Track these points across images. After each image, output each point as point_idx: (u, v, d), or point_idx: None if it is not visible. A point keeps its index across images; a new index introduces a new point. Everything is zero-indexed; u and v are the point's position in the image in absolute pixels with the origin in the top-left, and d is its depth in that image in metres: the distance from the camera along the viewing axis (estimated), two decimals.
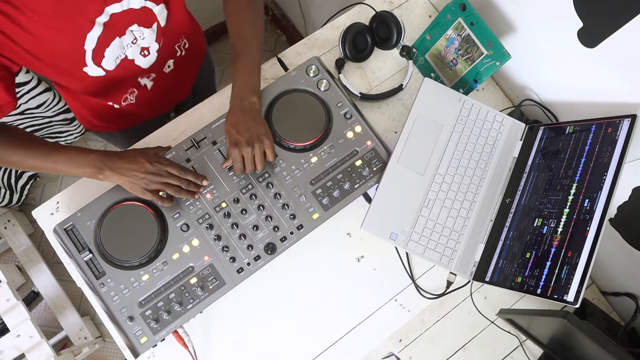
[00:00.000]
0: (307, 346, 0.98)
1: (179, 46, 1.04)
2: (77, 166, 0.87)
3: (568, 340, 0.92)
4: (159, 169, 0.88)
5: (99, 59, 0.86)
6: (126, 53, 0.90)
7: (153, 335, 0.88)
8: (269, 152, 0.91)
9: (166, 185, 0.89)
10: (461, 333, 1.10)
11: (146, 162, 0.87)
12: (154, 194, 0.89)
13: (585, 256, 0.81)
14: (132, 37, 0.88)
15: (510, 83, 1.11)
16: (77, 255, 0.90)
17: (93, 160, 0.87)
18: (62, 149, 0.89)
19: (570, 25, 0.85)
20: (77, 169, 0.87)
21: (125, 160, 0.87)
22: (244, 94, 0.91)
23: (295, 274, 1.00)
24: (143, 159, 0.88)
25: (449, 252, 0.96)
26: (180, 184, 0.90)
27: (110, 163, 0.87)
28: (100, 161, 0.87)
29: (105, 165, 0.86)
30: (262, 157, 0.91)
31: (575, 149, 0.92)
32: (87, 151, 0.88)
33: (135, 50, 0.91)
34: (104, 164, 0.86)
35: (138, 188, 0.88)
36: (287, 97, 0.98)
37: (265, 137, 0.90)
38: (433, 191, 0.98)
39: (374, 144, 0.99)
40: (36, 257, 1.89)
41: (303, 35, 2.09)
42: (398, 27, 1.04)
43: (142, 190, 0.88)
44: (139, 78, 1.00)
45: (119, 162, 0.87)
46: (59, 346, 1.88)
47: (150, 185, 0.88)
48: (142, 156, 0.88)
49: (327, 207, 0.95)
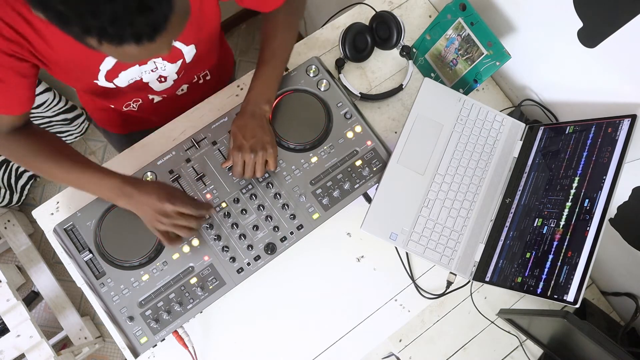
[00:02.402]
0: (307, 346, 0.98)
1: (199, 75, 1.05)
2: (99, 187, 0.85)
3: (568, 340, 0.92)
4: (166, 210, 0.84)
5: (112, 78, 0.87)
6: (142, 77, 0.91)
7: (153, 335, 0.88)
8: (270, 161, 0.91)
9: (175, 227, 0.85)
10: (461, 333, 1.10)
11: (157, 200, 0.83)
12: (162, 234, 0.86)
13: (585, 256, 0.81)
14: (153, 66, 0.89)
15: (510, 83, 1.11)
16: (77, 255, 0.90)
17: (114, 187, 0.84)
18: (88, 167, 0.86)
19: (570, 25, 0.85)
20: (98, 190, 0.86)
21: (141, 192, 0.84)
22: (258, 101, 0.91)
23: (295, 274, 1.00)
24: (155, 196, 0.83)
25: (449, 252, 0.96)
26: (189, 224, 0.86)
27: (128, 192, 0.84)
28: (120, 189, 0.84)
29: (123, 194, 0.84)
30: (263, 165, 0.90)
31: (575, 149, 0.92)
32: (111, 175, 0.85)
33: (152, 76, 0.92)
34: (122, 192, 0.84)
35: (149, 224, 0.86)
36: (287, 97, 0.98)
37: (270, 146, 0.90)
38: (433, 191, 0.98)
39: (374, 144, 0.99)
40: (36, 257, 1.89)
41: (303, 35, 2.09)
42: (398, 27, 1.04)
43: (151, 227, 0.86)
44: (149, 95, 1.01)
45: (135, 194, 0.84)
46: (59, 346, 1.87)
47: (159, 226, 0.85)
48: (154, 192, 0.84)
49: (327, 207, 0.95)
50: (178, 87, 1.03)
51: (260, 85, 0.92)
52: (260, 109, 0.91)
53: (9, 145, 0.85)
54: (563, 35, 0.88)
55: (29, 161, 0.87)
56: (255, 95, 0.91)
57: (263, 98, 0.91)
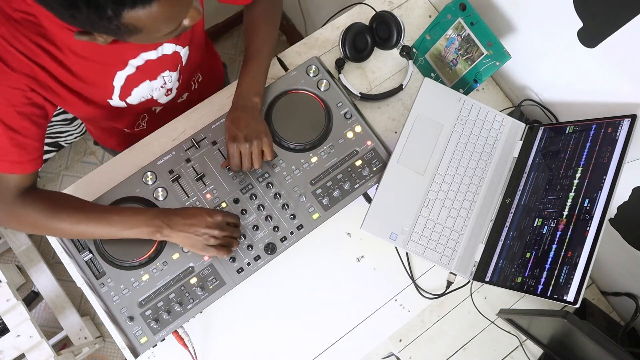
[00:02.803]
0: (307, 346, 0.98)
1: (194, 80, 1.08)
2: (134, 226, 0.82)
3: (568, 340, 0.92)
4: (220, 221, 0.86)
5: (125, 96, 0.89)
6: (153, 94, 0.94)
7: (153, 335, 0.88)
8: (266, 150, 0.91)
9: (226, 239, 0.87)
10: (461, 333, 1.10)
11: (207, 216, 0.84)
12: (217, 248, 0.86)
13: (585, 256, 0.81)
14: (163, 81, 0.92)
15: (510, 83, 1.11)
16: (77, 255, 0.89)
17: (150, 219, 0.82)
18: (115, 210, 0.85)
19: (570, 25, 0.85)
20: (134, 229, 0.82)
21: (184, 216, 0.84)
22: (247, 94, 0.92)
23: (295, 274, 1.00)
24: (203, 213, 0.85)
25: (449, 252, 0.96)
26: (236, 234, 0.89)
27: (168, 221, 0.83)
28: (158, 219, 0.83)
29: (164, 224, 0.82)
30: (259, 154, 0.91)
31: (575, 149, 0.92)
32: (142, 210, 0.85)
33: (162, 92, 0.95)
34: (162, 222, 0.82)
35: (199, 244, 0.85)
36: (287, 97, 0.98)
37: (264, 135, 0.90)
38: (433, 191, 0.98)
39: (374, 144, 0.99)
40: (36, 257, 1.89)
41: (303, 35, 2.09)
42: (398, 27, 1.04)
43: (203, 246, 0.85)
44: (153, 107, 1.03)
45: (178, 219, 0.83)
46: (59, 346, 1.87)
47: (210, 240, 0.85)
48: (203, 210, 0.86)
49: (327, 207, 0.95)
50: (180, 96, 1.05)
51: (249, 80, 0.93)
52: (250, 101, 0.91)
53: (18, 211, 0.79)
54: (563, 35, 0.88)
55: (45, 225, 0.80)
56: (244, 89, 0.92)
57: (252, 91, 0.92)
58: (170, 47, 0.87)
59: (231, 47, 2.21)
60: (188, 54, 0.94)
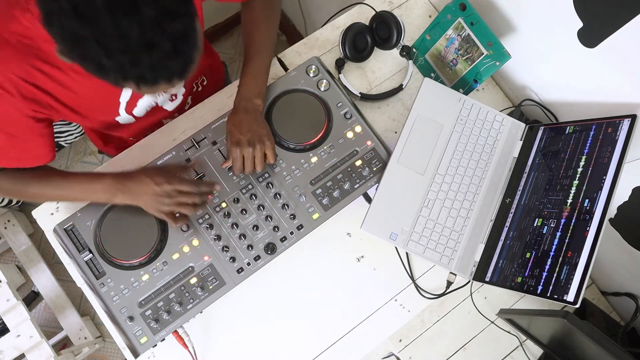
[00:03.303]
0: (307, 346, 0.98)
1: (196, 83, 1.08)
2: (92, 192, 0.87)
3: (568, 340, 0.92)
4: (167, 191, 0.85)
5: (131, 109, 0.90)
6: (157, 101, 0.94)
7: (153, 335, 0.88)
8: (269, 153, 0.91)
9: (178, 205, 0.87)
10: (461, 333, 1.10)
11: (154, 183, 0.84)
12: (167, 215, 0.87)
13: (585, 256, 0.81)
14: None
15: (510, 83, 1.11)
16: (77, 255, 0.90)
17: (107, 186, 0.86)
18: (75, 177, 0.88)
19: (570, 25, 0.85)
20: (93, 195, 0.87)
21: (134, 182, 0.86)
22: (249, 96, 0.91)
23: (295, 274, 1.00)
24: (151, 180, 0.84)
25: (449, 252, 0.96)
26: (192, 200, 0.87)
27: (121, 187, 0.85)
28: (113, 186, 0.85)
29: (117, 190, 0.85)
30: (262, 158, 0.91)
31: (575, 149, 0.92)
32: (100, 177, 0.87)
33: (165, 97, 0.95)
34: (116, 188, 0.85)
35: (152, 210, 0.86)
36: (287, 97, 0.98)
37: (267, 138, 0.90)
38: (433, 191, 0.98)
39: (374, 144, 0.99)
40: (36, 257, 1.89)
41: (303, 35, 2.09)
42: (398, 27, 1.04)
43: (156, 211, 0.87)
44: (164, 119, 1.03)
45: (129, 184, 0.85)
46: (59, 346, 1.87)
47: (162, 207, 0.86)
48: (149, 177, 0.85)
49: (327, 207, 0.95)
50: (185, 102, 1.05)
51: (250, 81, 0.92)
52: (252, 103, 0.91)
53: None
54: (563, 35, 0.88)
55: (19, 191, 0.88)
56: (245, 90, 0.92)
57: (254, 92, 0.92)
58: None
59: (231, 47, 2.21)
60: None
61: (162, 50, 0.55)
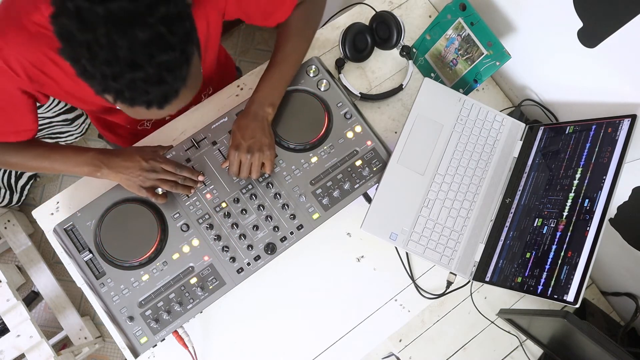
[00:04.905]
0: (307, 346, 0.98)
1: (204, 94, 1.09)
2: (75, 165, 0.88)
3: (568, 340, 0.92)
4: (154, 166, 0.89)
5: None
6: None
7: (153, 335, 0.88)
8: (267, 163, 0.92)
9: (161, 182, 0.90)
10: (461, 333, 1.10)
11: (142, 159, 0.88)
12: (149, 190, 0.89)
13: (585, 256, 0.81)
14: None
15: (510, 83, 1.11)
16: (77, 255, 0.90)
17: (90, 159, 0.87)
18: (59, 148, 0.90)
19: (570, 25, 0.85)
20: (75, 168, 0.88)
21: (122, 157, 0.88)
22: (262, 102, 0.91)
23: (295, 274, 1.00)
24: (139, 156, 0.88)
25: (449, 252, 0.96)
26: (175, 179, 0.90)
27: (107, 161, 0.87)
28: (97, 159, 0.87)
29: (102, 163, 0.87)
30: (258, 167, 0.91)
31: (575, 149, 0.92)
32: (84, 150, 0.89)
33: None
34: (100, 161, 0.87)
35: (134, 185, 0.88)
36: (287, 97, 0.98)
37: (267, 148, 0.90)
38: (433, 191, 0.98)
39: (374, 144, 0.99)
40: (36, 257, 1.89)
41: None
42: (398, 27, 1.04)
43: (137, 187, 0.89)
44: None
45: (116, 160, 0.88)
46: (59, 346, 1.87)
47: (145, 182, 0.88)
48: (138, 154, 0.89)
49: (327, 207, 0.95)
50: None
51: (267, 88, 0.92)
52: (263, 111, 0.91)
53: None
54: (563, 35, 0.88)
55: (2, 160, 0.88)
56: (260, 96, 0.92)
57: (268, 100, 0.91)
58: None
59: (231, 47, 2.21)
60: None
61: (146, 73, 0.56)
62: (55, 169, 0.90)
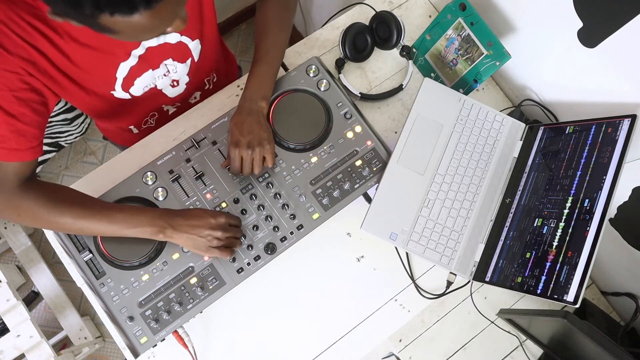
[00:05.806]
0: (307, 346, 0.98)
1: (208, 80, 1.07)
2: (137, 225, 0.81)
3: (568, 340, 0.92)
4: (223, 223, 0.86)
5: (128, 87, 0.88)
6: (156, 83, 0.93)
7: (153, 335, 0.88)
8: (268, 157, 0.91)
9: (229, 240, 0.88)
10: (461, 333, 1.10)
11: (211, 217, 0.85)
12: (219, 248, 0.87)
13: (585, 256, 0.81)
14: (165, 69, 0.91)
15: (510, 83, 1.11)
16: (77, 255, 0.89)
17: (153, 219, 0.82)
18: (118, 208, 0.84)
19: (570, 25, 0.85)
20: (136, 228, 0.81)
21: (188, 217, 0.85)
22: (255, 97, 0.91)
23: (295, 274, 1.00)
24: (208, 215, 0.85)
25: (449, 252, 0.96)
26: (238, 235, 0.90)
27: (171, 222, 0.83)
28: (162, 219, 0.82)
29: (167, 224, 0.82)
30: (260, 161, 0.91)
31: (575, 149, 0.92)
32: (146, 210, 0.85)
33: (165, 81, 0.94)
34: (166, 222, 0.82)
35: (202, 246, 0.85)
36: (287, 97, 0.98)
37: (267, 142, 0.90)
38: (433, 191, 0.98)
39: (374, 144, 0.99)
40: (36, 257, 1.89)
41: (303, 35, 2.09)
42: (398, 27, 1.04)
43: (206, 247, 0.85)
44: (164, 105, 1.02)
45: (181, 220, 0.84)
46: (59, 346, 1.87)
47: (213, 242, 0.85)
48: (204, 212, 0.86)
49: (327, 207, 0.95)
50: (191, 94, 1.05)
51: (256, 82, 0.92)
52: (257, 105, 0.91)
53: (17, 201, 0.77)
54: (563, 35, 0.88)
55: (45, 217, 0.79)
56: (251, 92, 0.91)
57: (259, 94, 0.91)
58: (174, 37, 0.86)
59: (232, 46, 2.21)
60: (200, 49, 0.93)
61: None
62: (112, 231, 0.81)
